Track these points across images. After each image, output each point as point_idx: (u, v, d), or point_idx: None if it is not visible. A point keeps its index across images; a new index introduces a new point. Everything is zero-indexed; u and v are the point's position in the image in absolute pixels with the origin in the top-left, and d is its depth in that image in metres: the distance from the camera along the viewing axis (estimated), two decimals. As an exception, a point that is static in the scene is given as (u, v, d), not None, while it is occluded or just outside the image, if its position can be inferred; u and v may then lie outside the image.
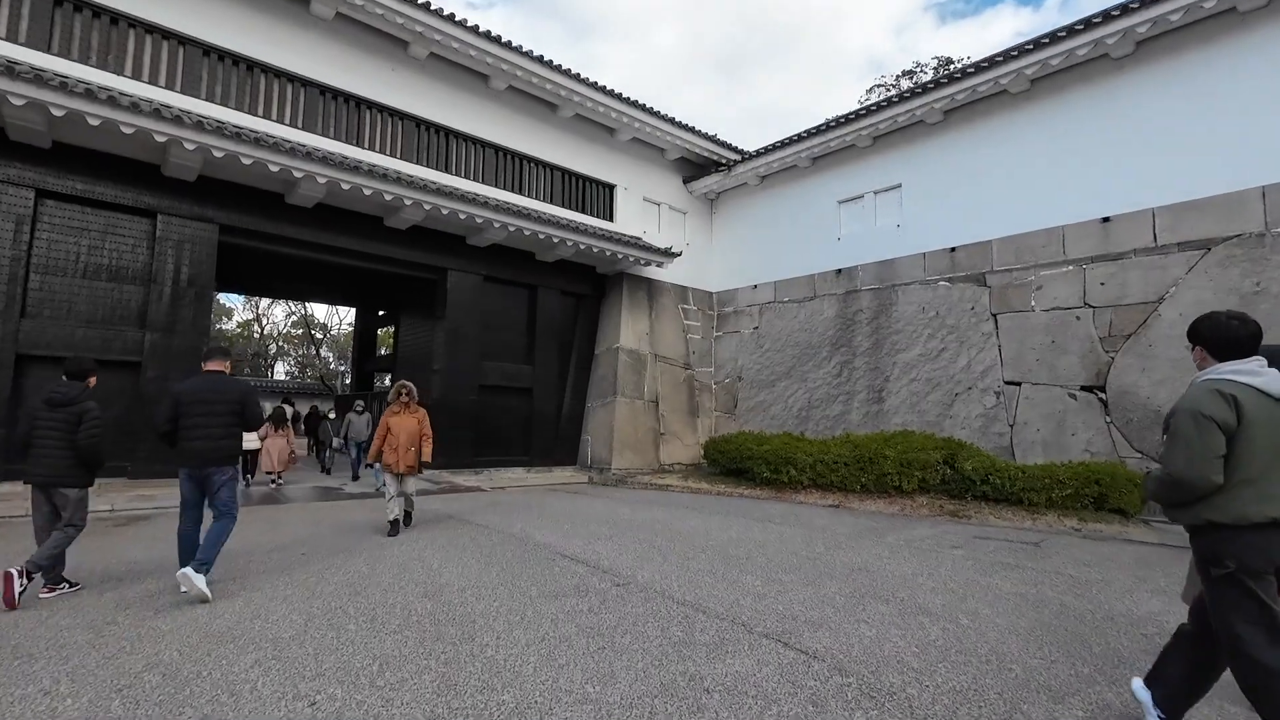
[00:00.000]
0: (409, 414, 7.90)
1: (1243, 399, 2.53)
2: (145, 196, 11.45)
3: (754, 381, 17.21)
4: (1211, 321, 2.77)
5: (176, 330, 11.64)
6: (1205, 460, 2.51)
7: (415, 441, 7.76)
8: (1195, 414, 2.56)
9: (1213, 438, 2.50)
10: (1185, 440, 2.56)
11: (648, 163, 17.84)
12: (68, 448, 4.68)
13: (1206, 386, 2.62)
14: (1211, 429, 2.51)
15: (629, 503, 10.57)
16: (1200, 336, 2.80)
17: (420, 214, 13.20)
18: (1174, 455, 2.60)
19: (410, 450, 7.69)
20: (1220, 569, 2.53)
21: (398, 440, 7.66)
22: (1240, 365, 2.64)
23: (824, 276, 16.17)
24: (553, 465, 16.10)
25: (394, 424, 7.79)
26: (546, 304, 16.37)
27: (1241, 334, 2.68)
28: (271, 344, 39.53)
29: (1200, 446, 2.52)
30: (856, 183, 15.79)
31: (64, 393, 4.77)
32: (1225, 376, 2.62)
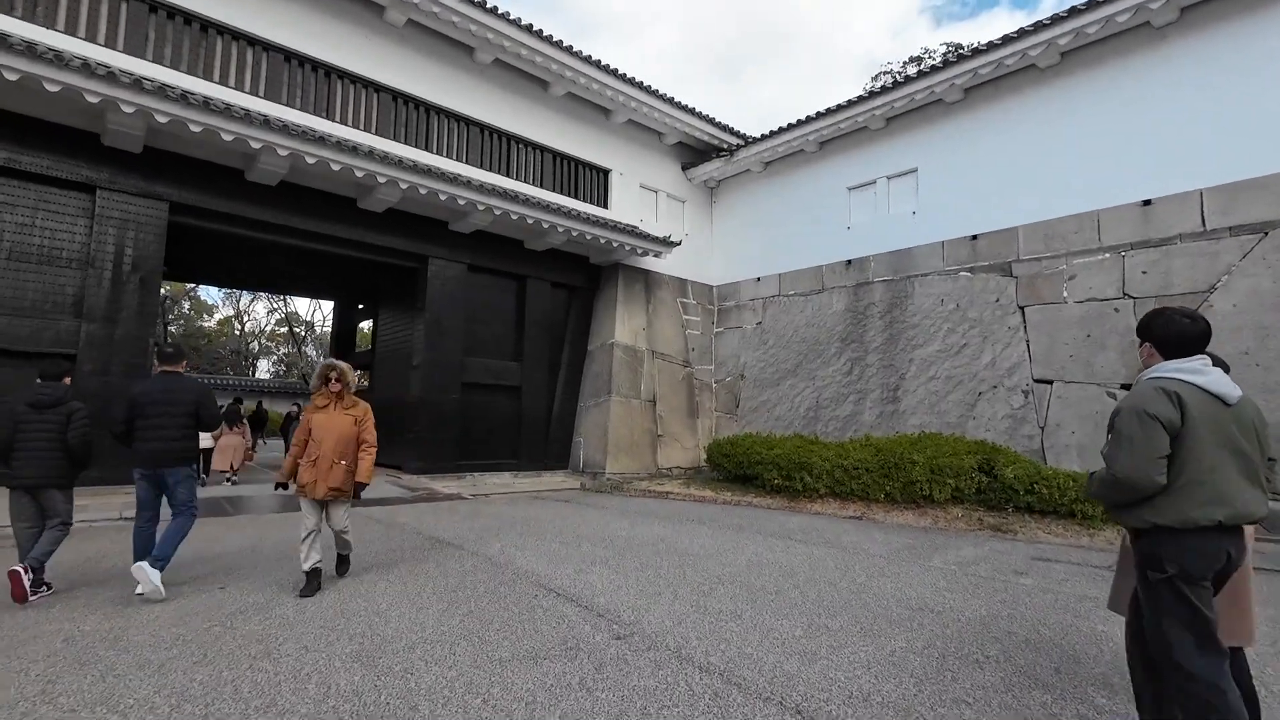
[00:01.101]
0: (340, 410, 5.28)
1: (1187, 398, 2.47)
2: (83, 169, 10.04)
3: (757, 380, 15.95)
4: (1163, 319, 2.69)
5: (118, 320, 10.24)
6: (1149, 460, 2.44)
7: (347, 451, 5.17)
8: (1140, 413, 2.48)
9: (1157, 437, 2.44)
10: (1128, 440, 2.48)
11: (645, 147, 16.56)
12: (59, 449, 4.71)
13: (1152, 385, 2.56)
14: (1156, 428, 2.44)
15: (626, 514, 9.27)
16: (1150, 333, 2.72)
17: (397, 195, 11.86)
18: (1117, 455, 2.52)
19: (339, 465, 5.08)
20: (1158, 573, 2.47)
21: (320, 448, 5.07)
22: (1184, 364, 2.57)
23: (833, 268, 14.94)
24: (542, 469, 14.77)
25: (318, 425, 5.17)
26: (536, 296, 15.04)
27: (1191, 332, 2.61)
28: (253, 341, 37.92)
29: (1144, 446, 2.44)
30: (868, 168, 14.58)
31: (49, 394, 4.80)
32: (1170, 375, 2.56)
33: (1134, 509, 2.53)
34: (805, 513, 9.50)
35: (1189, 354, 2.61)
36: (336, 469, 5.07)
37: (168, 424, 4.84)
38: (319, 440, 5.12)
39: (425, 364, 13.26)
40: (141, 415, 4.82)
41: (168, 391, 4.94)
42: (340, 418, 5.25)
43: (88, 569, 5.46)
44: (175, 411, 4.88)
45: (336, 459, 5.09)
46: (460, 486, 12.34)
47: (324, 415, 5.25)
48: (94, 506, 8.85)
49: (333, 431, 5.15)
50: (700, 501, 10.71)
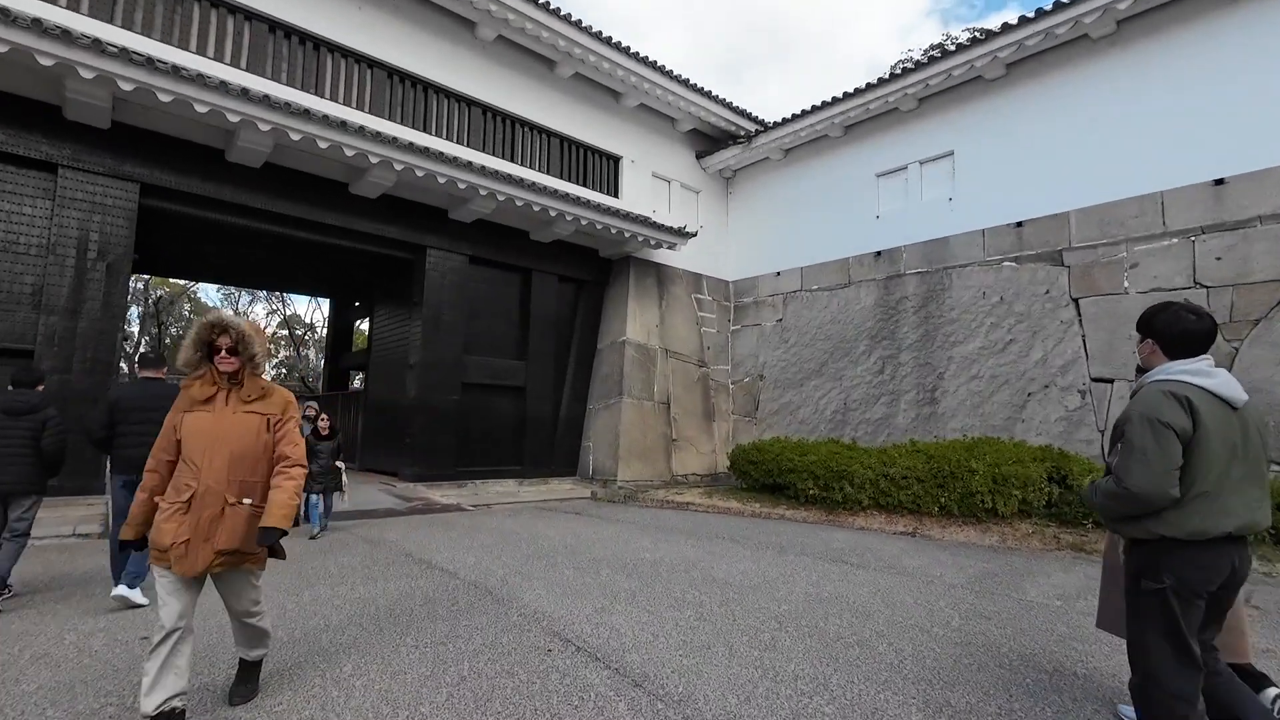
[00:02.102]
0: (237, 403, 2.92)
1: (1198, 403, 2.32)
2: (43, 145, 8.96)
3: (778, 381, 14.80)
4: (1168, 314, 2.50)
5: (82, 312, 9.14)
6: (1164, 473, 2.27)
7: (250, 480, 2.89)
8: (1152, 421, 2.30)
9: (1172, 448, 2.28)
10: (1141, 451, 2.30)
11: (657, 134, 15.45)
12: (32, 455, 4.67)
13: (1159, 389, 2.38)
14: (1170, 438, 2.28)
15: (645, 529, 8.12)
16: (1153, 329, 2.54)
17: (391, 178, 10.76)
18: (1130, 467, 2.32)
19: (237, 509, 2.82)
20: (1154, 583, 2.35)
21: (200, 477, 2.79)
22: (1191, 365, 2.41)
23: (860, 260, 13.80)
24: (549, 476, 13.62)
25: (195, 432, 2.86)
26: (542, 291, 13.92)
27: (1198, 330, 2.44)
28: (253, 344, 36.79)
29: (1158, 458, 2.27)
30: (898, 152, 13.44)
31: (24, 400, 4.76)
32: (1178, 378, 2.39)
33: (1139, 520, 2.37)
34: (848, 528, 8.33)
35: (1194, 353, 2.45)
36: (232, 516, 2.77)
37: (150, 431, 4.43)
38: (196, 461, 2.78)
39: (422, 363, 12.14)
40: (123, 421, 4.71)
41: (150, 397, 4.79)
42: (237, 419, 2.86)
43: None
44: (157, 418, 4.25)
45: (232, 496, 2.79)
46: (460, 495, 11.20)
47: (205, 416, 2.85)
48: (47, 521, 7.72)
49: (223, 444, 2.81)
50: (726, 514, 9.54)
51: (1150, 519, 2.33)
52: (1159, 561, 2.33)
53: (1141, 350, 2.63)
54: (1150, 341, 2.56)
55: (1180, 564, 2.30)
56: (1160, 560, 2.33)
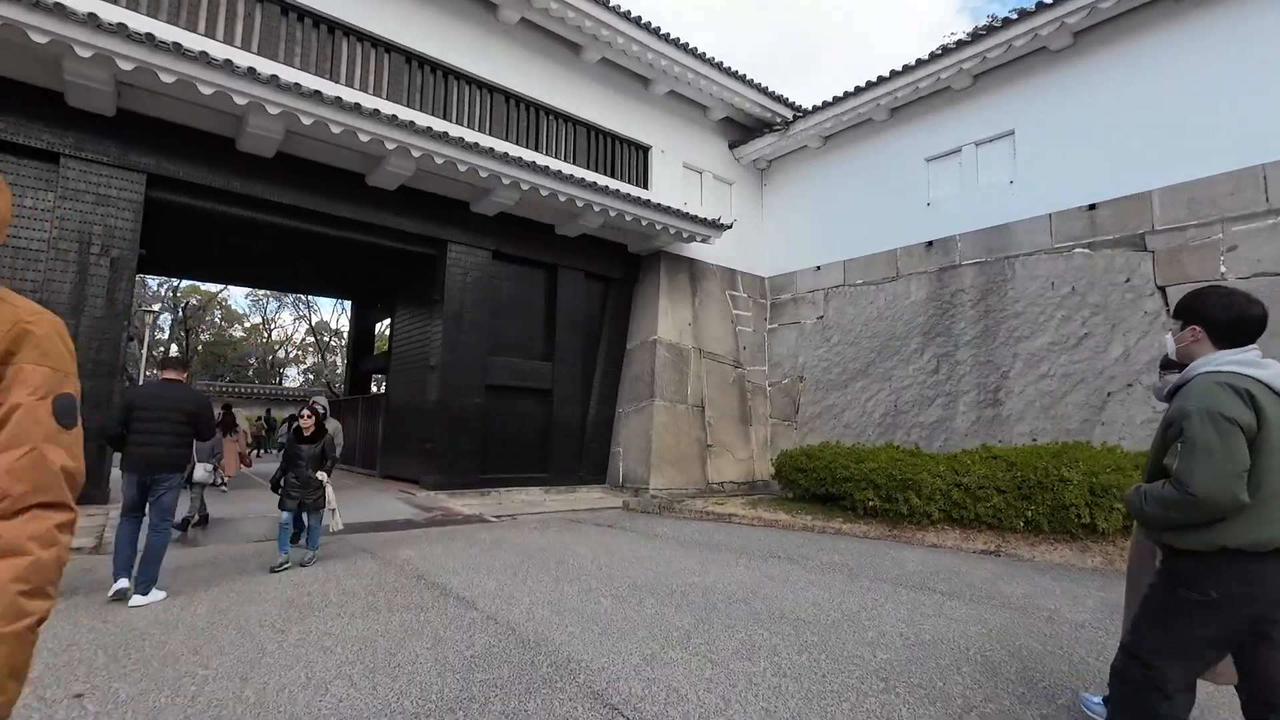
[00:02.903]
0: None
1: (1259, 396, 2.05)
2: (44, 133, 8.39)
3: (820, 382, 13.74)
4: (1222, 298, 2.24)
5: (84, 311, 8.52)
6: (1233, 475, 2.00)
7: None
8: (1215, 416, 2.03)
9: (1239, 447, 2.02)
10: (1205, 450, 2.02)
11: (688, 122, 14.56)
12: None
13: (1216, 380, 2.11)
14: (1236, 436, 2.01)
15: (688, 545, 7.17)
16: (1202, 315, 2.25)
17: (409, 166, 10.03)
18: (1194, 469, 2.03)
19: None
20: (1199, 595, 2.09)
21: None
22: (1241, 355, 2.16)
23: (910, 251, 12.71)
24: (576, 484, 12.75)
25: None
26: (568, 288, 13.09)
27: (1255, 316, 2.19)
28: (279, 349, 36.75)
29: (1225, 459, 2.00)
30: (950, 134, 12.36)
31: None
32: (1233, 369, 2.12)
33: (1199, 531, 2.08)
34: (917, 545, 7.29)
35: (1245, 343, 2.18)
36: None
37: (164, 430, 4.80)
38: None
39: (444, 364, 11.37)
40: (137, 420, 4.78)
41: (166, 398, 4.89)
42: None
43: None
44: (174, 418, 4.85)
45: None
46: (482, 505, 10.37)
47: None
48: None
49: None
50: (774, 527, 8.54)
51: (1209, 528, 2.09)
52: (1210, 575, 2.09)
53: (1181, 339, 2.34)
54: (1196, 329, 2.28)
55: (1234, 578, 2.06)
56: (1212, 574, 2.09)
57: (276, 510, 5.99)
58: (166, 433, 4.82)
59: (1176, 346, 2.37)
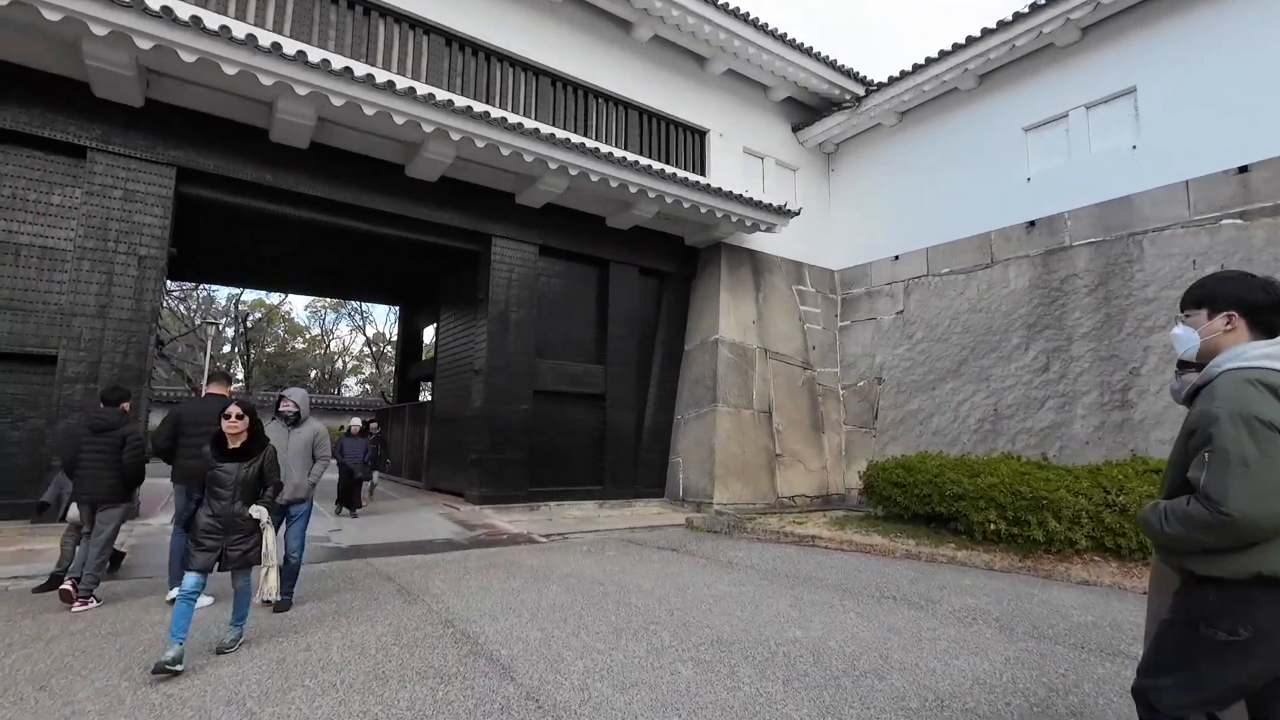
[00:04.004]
0: None
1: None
2: (70, 126, 7.85)
3: (902, 384, 12.18)
4: (1250, 281, 1.94)
5: (110, 313, 7.91)
6: (1273, 490, 1.67)
7: None
8: (1249, 421, 1.71)
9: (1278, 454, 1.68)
10: (1242, 462, 1.69)
11: (748, 104, 13.31)
12: (114, 469, 4.94)
13: (1245, 378, 1.79)
14: (1276, 443, 1.69)
15: (774, 579, 5.88)
16: (1242, 298, 1.91)
17: (449, 152, 9.15)
18: (1228, 485, 1.70)
19: None
20: (1227, 634, 1.74)
21: None
22: (1272, 348, 1.83)
23: (1007, 234, 11.07)
24: (633, 498, 11.57)
25: None
26: (621, 284, 11.99)
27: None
28: (338, 360, 37.10)
29: (1265, 471, 1.67)
30: (1053, 97, 10.70)
31: (106, 419, 5.05)
32: (1264, 364, 1.81)
33: (1230, 556, 1.75)
34: (1064, 581, 5.78)
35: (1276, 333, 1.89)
36: None
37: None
38: None
39: (489, 368, 10.42)
40: (185, 434, 4.96)
41: (212, 412, 4.69)
42: None
43: None
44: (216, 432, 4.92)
45: None
46: (531, 522, 9.31)
47: None
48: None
49: None
50: (869, 554, 7.13)
51: (1243, 552, 1.73)
52: (1240, 609, 1.73)
53: (1207, 328, 1.95)
54: (1231, 315, 1.91)
55: (1272, 613, 1.71)
56: (1242, 607, 1.73)
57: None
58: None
59: (1202, 340, 1.97)
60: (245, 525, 3.77)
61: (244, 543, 3.77)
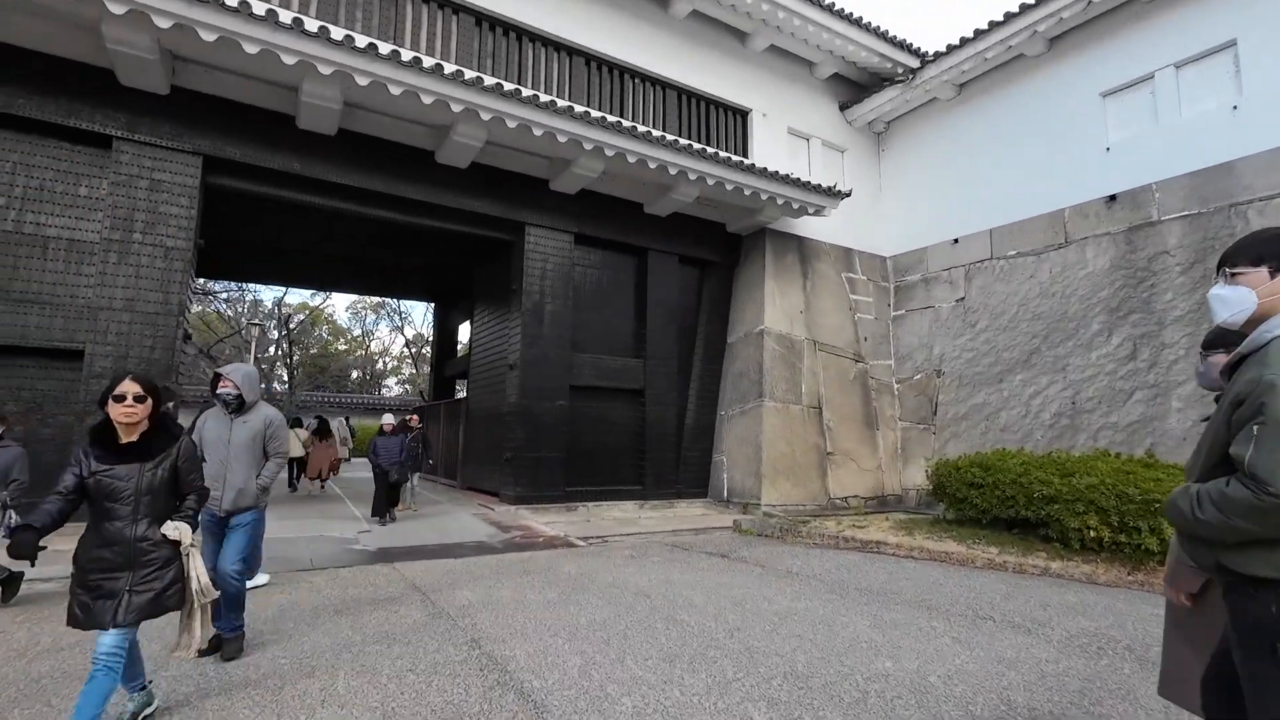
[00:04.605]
0: None
1: None
2: (96, 115, 7.60)
3: (964, 376, 11.21)
4: None
5: (136, 308, 7.64)
6: None
7: None
8: None
9: None
10: None
11: (792, 81, 12.51)
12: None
13: None
14: None
15: (842, 592, 5.15)
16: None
17: (480, 136, 8.66)
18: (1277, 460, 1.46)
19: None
20: None
21: None
22: None
23: (1083, 210, 10.04)
24: (674, 498, 10.91)
25: None
26: (660, 274, 11.34)
27: None
28: (378, 360, 37.41)
29: None
30: (1136, 58, 9.63)
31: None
32: None
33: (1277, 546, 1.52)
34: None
35: None
36: None
37: None
38: None
39: (524, 362, 9.90)
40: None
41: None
42: None
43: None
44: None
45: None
46: (568, 524, 8.74)
47: None
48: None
49: None
50: (945, 562, 6.32)
51: None
52: None
53: (1269, 288, 1.67)
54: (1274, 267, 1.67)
55: None
56: None
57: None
58: None
59: (1260, 301, 1.67)
60: (156, 554, 2.62)
61: (156, 579, 2.59)
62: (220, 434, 3.75)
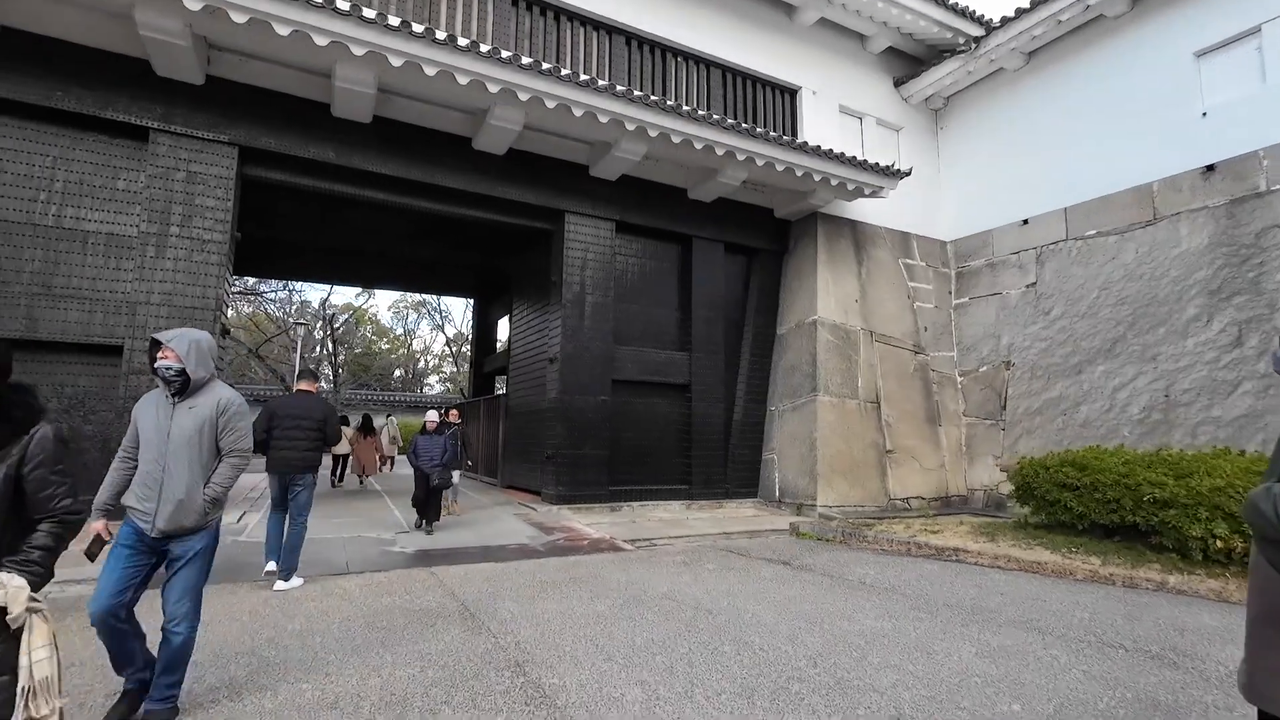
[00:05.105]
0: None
1: None
2: (132, 107, 7.43)
3: (1036, 368, 10.31)
4: None
5: (173, 302, 7.45)
6: None
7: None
8: None
9: None
10: None
11: (843, 57, 11.74)
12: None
13: None
14: None
15: (929, 610, 4.51)
16: None
17: (518, 119, 8.24)
18: None
19: None
20: None
21: None
22: None
23: (1175, 183, 9.05)
24: (723, 498, 10.32)
25: None
26: (705, 263, 10.75)
27: None
28: (419, 359, 37.74)
29: None
30: (1237, 10, 8.61)
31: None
32: None
33: None
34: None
35: None
36: None
37: (298, 436, 5.17)
38: None
39: (564, 357, 9.46)
40: (278, 427, 5.19)
41: (301, 407, 5.29)
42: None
43: None
44: (306, 425, 5.21)
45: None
46: (612, 524, 8.26)
47: None
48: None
49: None
50: (1037, 573, 5.60)
51: None
52: None
53: None
54: None
55: None
56: None
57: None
58: (301, 438, 5.19)
59: None
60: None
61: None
62: (157, 423, 2.71)
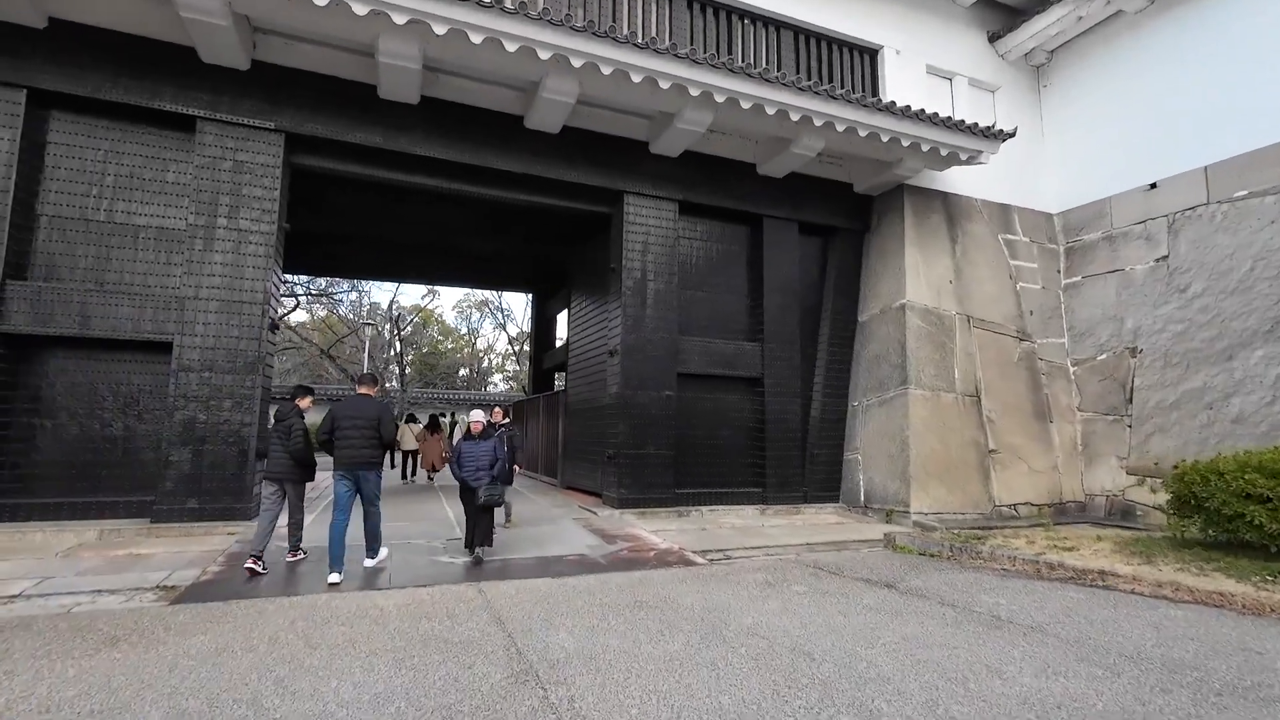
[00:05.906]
0: None
1: None
2: (179, 97, 7.16)
3: (1170, 354, 8.76)
4: None
5: (220, 297, 7.15)
6: None
7: None
8: None
9: None
10: None
11: (929, 12, 10.44)
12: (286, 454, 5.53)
13: None
14: None
15: (1110, 665, 3.43)
16: None
17: (572, 91, 7.51)
18: None
19: None
20: None
21: None
22: None
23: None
24: (800, 502, 9.29)
25: None
26: (777, 245, 9.74)
27: None
28: (483, 358, 37.99)
29: None
30: None
31: (280, 410, 5.70)
32: None
33: None
34: None
35: None
36: None
37: (354, 436, 5.44)
38: None
39: (625, 349, 8.69)
40: (340, 429, 5.47)
41: (359, 409, 5.52)
42: None
43: None
44: (360, 425, 5.47)
45: None
46: (680, 532, 7.41)
47: None
48: (145, 563, 5.53)
49: None
50: (1224, 608, 4.38)
51: None
52: None
53: None
54: None
55: None
56: None
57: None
58: (357, 438, 5.44)
59: None
60: None
61: None
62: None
